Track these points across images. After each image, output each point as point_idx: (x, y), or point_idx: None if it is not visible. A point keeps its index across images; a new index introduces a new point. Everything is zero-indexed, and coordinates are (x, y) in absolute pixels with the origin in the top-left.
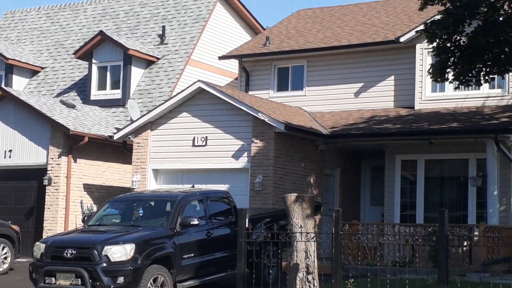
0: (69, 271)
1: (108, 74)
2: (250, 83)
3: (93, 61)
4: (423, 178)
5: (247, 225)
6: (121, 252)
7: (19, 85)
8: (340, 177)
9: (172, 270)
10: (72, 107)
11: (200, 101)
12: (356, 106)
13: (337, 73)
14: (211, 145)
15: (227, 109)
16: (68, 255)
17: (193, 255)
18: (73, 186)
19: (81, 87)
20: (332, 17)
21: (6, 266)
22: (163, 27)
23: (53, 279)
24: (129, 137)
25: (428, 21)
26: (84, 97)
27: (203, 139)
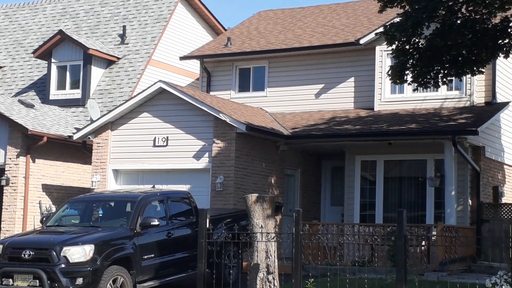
0: (27, 272)
1: (67, 73)
2: (211, 84)
3: (53, 60)
4: (382, 178)
5: (208, 226)
6: (80, 253)
7: None
8: (300, 178)
9: (132, 270)
10: (30, 106)
11: (161, 101)
12: (316, 107)
13: (298, 74)
14: (172, 146)
15: (188, 110)
16: (26, 256)
17: (153, 255)
18: (32, 186)
19: (40, 87)
20: (293, 19)
21: None
22: (124, 27)
23: (10, 280)
24: (89, 137)
25: (387, 24)
26: (43, 97)
27: (164, 140)
